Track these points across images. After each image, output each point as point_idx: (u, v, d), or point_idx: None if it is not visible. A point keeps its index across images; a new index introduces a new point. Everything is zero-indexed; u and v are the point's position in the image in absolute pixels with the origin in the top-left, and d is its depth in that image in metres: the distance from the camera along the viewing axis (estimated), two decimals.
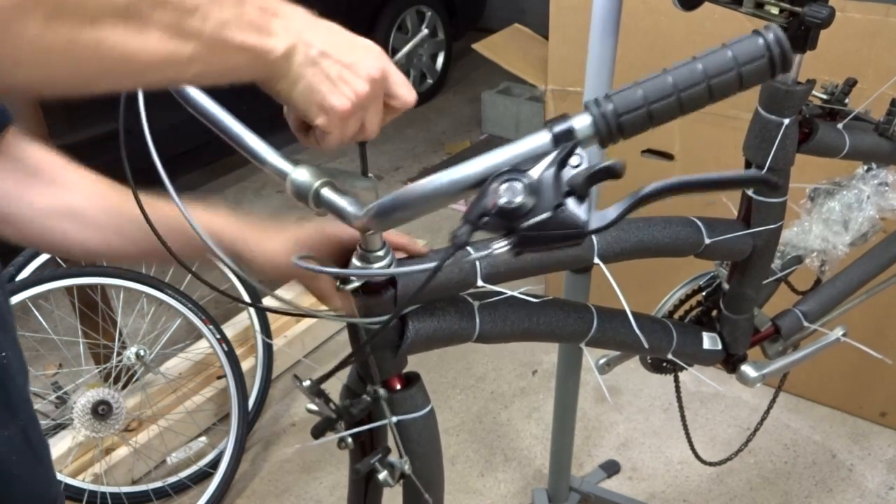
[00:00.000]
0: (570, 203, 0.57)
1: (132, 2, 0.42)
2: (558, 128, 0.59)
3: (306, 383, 0.75)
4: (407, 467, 0.81)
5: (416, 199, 0.60)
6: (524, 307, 0.86)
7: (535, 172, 0.57)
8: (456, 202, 0.61)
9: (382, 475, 0.81)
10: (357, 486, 0.91)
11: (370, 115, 0.60)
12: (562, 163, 0.57)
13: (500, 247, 0.58)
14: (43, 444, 0.69)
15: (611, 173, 0.55)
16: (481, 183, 0.58)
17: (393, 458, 0.81)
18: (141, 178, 0.68)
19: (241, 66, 0.51)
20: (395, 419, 0.79)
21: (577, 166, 0.57)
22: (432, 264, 0.59)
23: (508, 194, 0.56)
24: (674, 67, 0.59)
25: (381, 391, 0.78)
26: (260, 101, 0.63)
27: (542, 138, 0.59)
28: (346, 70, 0.56)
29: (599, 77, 1.19)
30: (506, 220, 0.57)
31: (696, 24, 1.81)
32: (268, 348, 2.14)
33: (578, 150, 0.58)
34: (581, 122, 0.59)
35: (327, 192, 0.63)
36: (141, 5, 0.43)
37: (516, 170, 0.57)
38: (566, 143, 0.58)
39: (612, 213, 0.58)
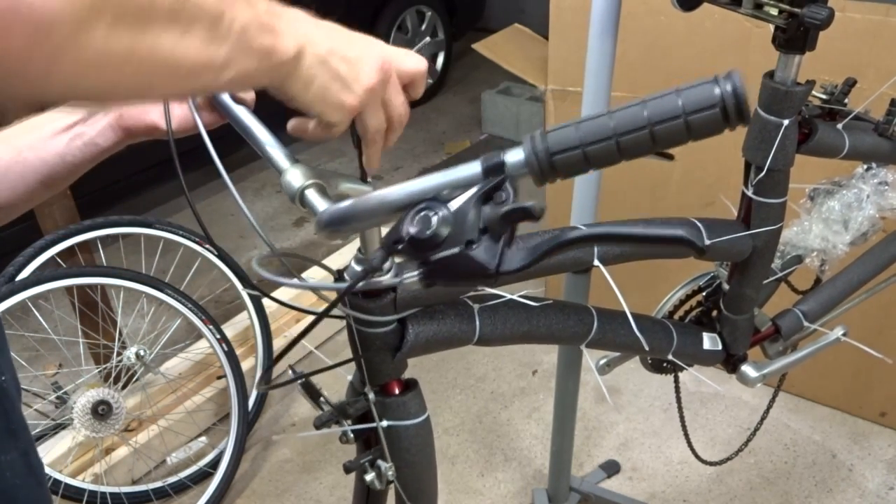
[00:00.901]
0: (484, 241, 0.54)
1: (175, 6, 0.42)
2: (489, 161, 0.57)
3: (289, 373, 0.75)
4: (391, 473, 0.80)
5: (361, 212, 0.59)
6: (524, 310, 0.86)
7: (454, 204, 0.55)
8: (391, 221, 0.59)
9: (370, 477, 0.81)
10: (360, 485, 0.91)
11: (391, 100, 0.60)
12: (486, 197, 0.55)
13: (409, 277, 0.57)
14: (41, 465, 0.69)
15: (528, 215, 0.53)
16: (407, 206, 0.57)
17: (383, 462, 0.81)
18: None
19: (260, 71, 0.50)
20: (385, 424, 0.79)
21: (502, 202, 0.55)
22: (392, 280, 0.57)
23: (421, 224, 0.55)
24: (619, 108, 0.56)
25: (371, 394, 0.78)
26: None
27: (474, 169, 0.57)
28: (352, 65, 0.56)
29: (599, 77, 1.19)
30: (418, 250, 0.55)
31: (695, 24, 1.81)
32: (268, 348, 2.14)
33: (506, 186, 0.55)
34: (513, 157, 0.57)
35: (310, 194, 0.63)
36: (182, 10, 0.43)
37: (437, 199, 0.55)
38: (494, 177, 0.56)
39: (525, 255, 0.56)
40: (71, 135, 0.64)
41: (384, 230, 0.70)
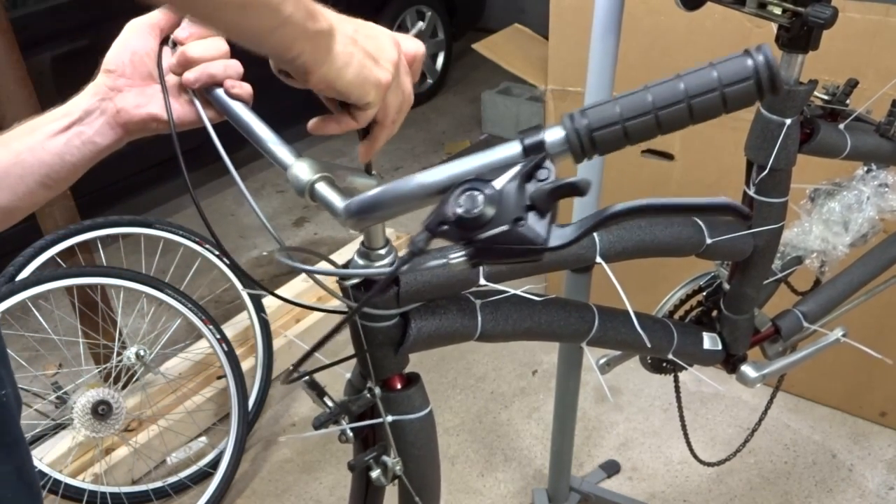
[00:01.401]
0: (531, 218, 0.55)
1: None
2: (529, 139, 0.57)
3: (291, 372, 0.75)
4: (399, 468, 0.80)
5: (393, 198, 0.59)
6: (526, 306, 0.86)
7: (498, 183, 0.55)
8: (426, 205, 0.59)
9: (375, 473, 0.81)
10: (358, 484, 0.91)
11: (402, 80, 0.63)
12: (528, 175, 0.55)
13: (457, 257, 0.57)
14: (35, 480, 0.68)
15: (574, 190, 0.53)
16: (447, 189, 0.57)
17: (388, 457, 0.81)
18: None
19: (306, 34, 0.54)
20: (390, 419, 0.79)
21: (544, 180, 0.55)
22: (437, 261, 0.58)
23: (467, 204, 0.54)
24: (654, 84, 0.57)
25: (377, 389, 0.78)
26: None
27: (514, 149, 0.58)
28: (377, 42, 0.60)
29: (601, 77, 1.19)
30: (464, 230, 0.55)
31: (697, 24, 1.81)
32: (268, 348, 2.13)
33: (547, 164, 0.56)
34: (553, 136, 0.57)
35: (322, 187, 0.63)
36: None
37: (480, 179, 0.56)
38: (535, 155, 0.57)
39: (571, 231, 0.56)
40: (69, 135, 0.64)
41: (385, 227, 0.70)
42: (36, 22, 2.63)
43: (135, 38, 0.66)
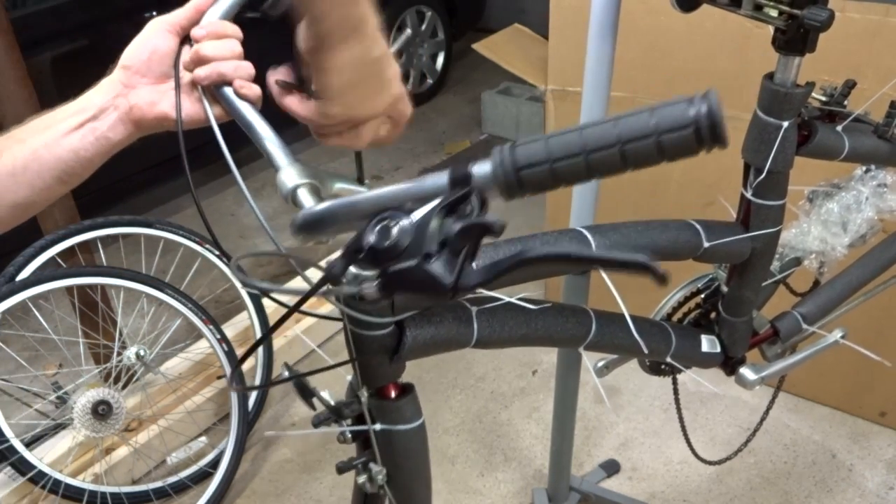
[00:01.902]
0: (443, 255, 0.53)
1: None
2: (456, 172, 0.56)
3: (285, 373, 0.75)
4: (381, 477, 0.80)
5: (333, 216, 0.59)
6: (522, 313, 0.86)
7: (416, 215, 0.54)
8: (356, 229, 0.59)
9: (362, 479, 0.80)
10: (359, 487, 0.91)
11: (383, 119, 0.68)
12: (450, 209, 0.54)
13: (368, 286, 0.56)
14: None
15: (489, 230, 0.52)
16: (374, 214, 0.56)
17: (375, 465, 0.81)
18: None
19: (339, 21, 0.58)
20: (378, 427, 0.78)
21: (466, 215, 0.54)
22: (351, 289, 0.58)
23: (380, 234, 0.54)
24: (589, 125, 0.54)
25: (364, 397, 0.78)
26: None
27: (441, 179, 0.56)
28: (390, 73, 0.64)
29: (598, 77, 1.19)
30: (377, 260, 0.54)
31: (695, 25, 1.81)
32: (268, 349, 2.14)
33: (472, 199, 0.54)
34: (480, 170, 0.55)
35: (302, 194, 0.63)
36: None
37: (400, 209, 0.54)
38: (461, 188, 0.55)
39: (482, 273, 0.54)
40: (83, 131, 0.66)
41: None
42: (36, 22, 2.63)
43: (155, 37, 0.68)
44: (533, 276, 0.92)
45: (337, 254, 0.56)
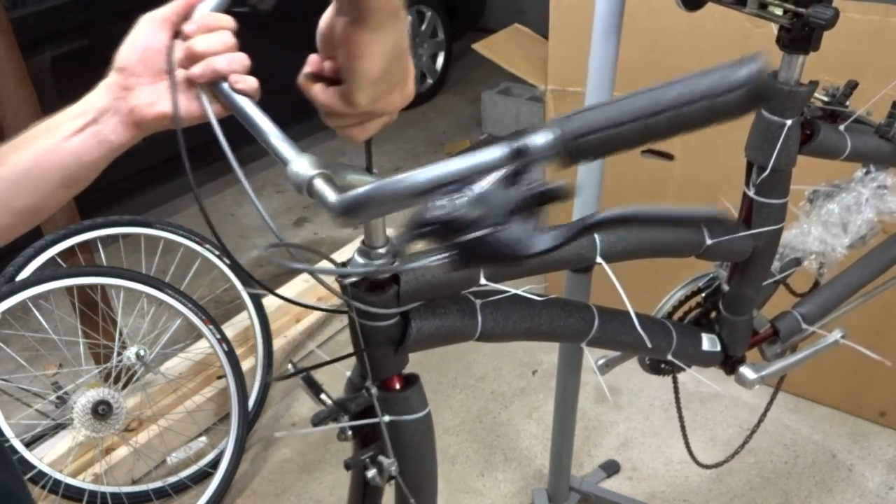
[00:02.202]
0: (513, 222, 0.54)
1: None
2: (516, 143, 0.57)
3: (289, 368, 0.75)
4: (394, 469, 0.80)
5: (382, 196, 0.58)
6: (526, 306, 0.86)
7: (481, 186, 0.55)
8: (414, 205, 0.59)
9: (371, 473, 0.80)
10: (357, 483, 0.91)
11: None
12: (513, 179, 0.55)
13: (438, 259, 0.56)
14: None
15: (557, 195, 0.53)
16: (434, 189, 0.56)
17: (385, 458, 0.81)
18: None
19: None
20: (387, 419, 0.79)
21: (531, 184, 0.54)
22: (437, 257, 0.58)
23: (449, 206, 0.54)
24: (643, 91, 0.56)
25: (374, 389, 0.78)
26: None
27: (500, 151, 0.57)
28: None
29: (601, 77, 1.19)
30: (445, 233, 0.54)
31: (697, 24, 1.81)
32: (268, 348, 2.14)
33: (533, 168, 0.55)
34: (540, 140, 0.56)
35: (319, 183, 0.62)
36: None
37: (464, 181, 0.55)
38: (522, 158, 0.56)
39: (554, 237, 0.55)
40: (85, 135, 0.65)
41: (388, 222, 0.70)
42: (36, 22, 2.63)
43: (146, 34, 0.67)
44: (562, 263, 0.92)
45: (392, 231, 0.55)
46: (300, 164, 0.63)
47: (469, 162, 0.57)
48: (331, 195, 0.61)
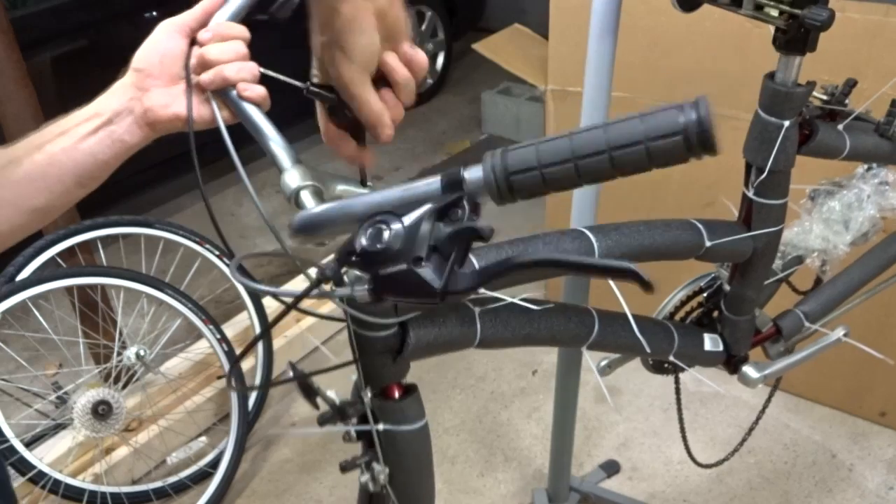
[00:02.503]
0: (433, 259, 0.53)
1: None
2: (449, 177, 0.56)
3: (290, 373, 0.75)
4: (383, 477, 0.80)
5: (328, 219, 0.59)
6: (525, 313, 0.86)
7: (407, 219, 0.54)
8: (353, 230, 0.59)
9: (364, 478, 0.80)
10: (364, 488, 0.91)
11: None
12: (442, 214, 0.54)
13: (360, 289, 0.56)
14: None
15: (479, 235, 0.52)
16: (370, 217, 0.56)
17: (378, 464, 0.80)
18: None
19: None
20: (381, 427, 0.78)
21: (457, 220, 0.54)
22: (359, 288, 0.57)
23: (372, 238, 0.54)
24: (579, 130, 0.55)
25: (367, 397, 0.78)
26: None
27: (433, 184, 0.57)
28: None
29: (599, 77, 1.19)
30: (369, 263, 0.55)
31: (695, 24, 1.81)
32: (268, 348, 2.14)
33: (463, 204, 0.54)
34: (473, 174, 0.56)
35: (305, 196, 0.63)
36: None
37: (392, 213, 0.55)
38: (456, 192, 0.55)
39: (471, 278, 0.54)
40: (100, 135, 0.67)
41: None
42: (36, 22, 2.63)
43: (165, 39, 0.69)
44: (529, 278, 0.92)
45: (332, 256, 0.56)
46: (291, 175, 0.64)
47: (404, 192, 0.57)
48: (304, 211, 0.62)
